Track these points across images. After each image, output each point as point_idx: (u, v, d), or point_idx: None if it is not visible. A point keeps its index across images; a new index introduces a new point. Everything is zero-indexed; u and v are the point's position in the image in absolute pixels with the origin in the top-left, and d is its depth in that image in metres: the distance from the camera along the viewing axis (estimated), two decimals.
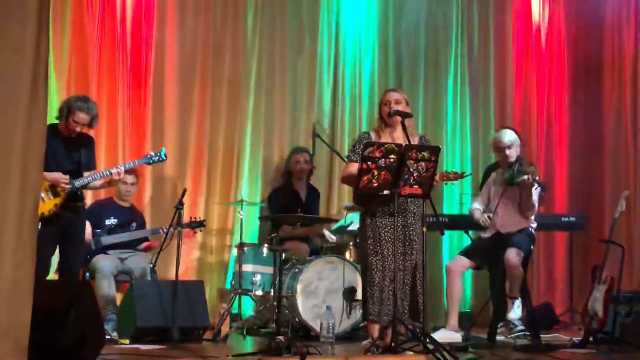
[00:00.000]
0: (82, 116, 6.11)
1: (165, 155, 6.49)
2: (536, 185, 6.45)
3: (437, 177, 5.61)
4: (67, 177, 6.04)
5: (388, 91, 5.99)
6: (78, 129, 6.17)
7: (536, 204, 6.65)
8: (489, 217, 6.73)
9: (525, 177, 6.42)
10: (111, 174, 6.22)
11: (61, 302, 4.57)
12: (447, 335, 6.49)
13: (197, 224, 7.19)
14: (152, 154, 6.48)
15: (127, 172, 7.01)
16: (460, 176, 5.81)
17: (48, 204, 5.98)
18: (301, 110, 8.46)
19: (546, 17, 9.43)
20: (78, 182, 6.12)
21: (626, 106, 8.92)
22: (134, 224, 7.21)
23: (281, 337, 5.47)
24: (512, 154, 6.72)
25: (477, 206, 6.94)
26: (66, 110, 6.11)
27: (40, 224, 5.44)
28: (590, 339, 6.42)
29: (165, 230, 6.91)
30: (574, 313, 8.19)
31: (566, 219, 8.23)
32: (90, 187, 6.43)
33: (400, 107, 5.73)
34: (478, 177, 8.22)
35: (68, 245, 6.17)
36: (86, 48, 7.60)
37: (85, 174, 6.23)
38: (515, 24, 9.32)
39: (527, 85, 9.29)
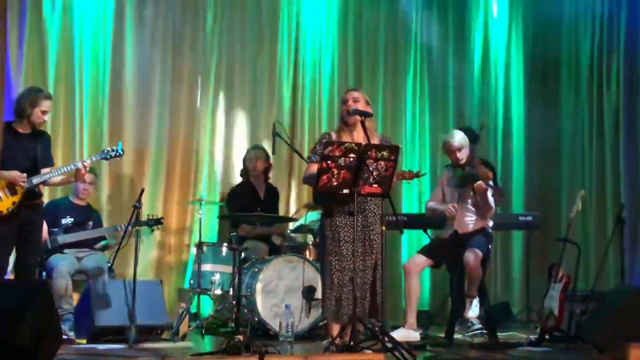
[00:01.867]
0: (48, 103, 6.09)
1: (122, 149, 6.42)
2: (490, 190, 6.53)
3: (399, 177, 5.67)
4: (25, 175, 5.96)
5: (348, 90, 6.00)
6: (46, 118, 6.13)
7: (493, 205, 6.71)
8: (453, 207, 6.73)
9: (479, 182, 6.50)
10: (77, 168, 6.13)
11: (17, 302, 4.52)
12: (406, 334, 6.52)
13: (155, 222, 7.13)
14: (109, 149, 6.42)
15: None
16: (416, 175, 5.84)
17: (6, 202, 5.90)
18: (261, 109, 8.44)
19: (505, 18, 9.52)
20: (35, 180, 6.03)
21: (583, 105, 9.03)
22: (91, 223, 7.13)
23: (240, 337, 5.45)
24: (463, 155, 6.77)
25: (432, 205, 6.97)
26: (28, 105, 6.03)
27: None
28: (547, 337, 6.49)
29: (122, 228, 6.86)
30: (530, 311, 8.27)
31: (523, 219, 8.29)
32: (49, 184, 6.35)
33: (360, 106, 5.73)
34: (436, 176, 8.26)
35: (25, 244, 6.07)
36: (43, 44, 7.52)
37: (43, 170, 6.15)
38: (474, 23, 9.39)
39: (486, 84, 9.37)
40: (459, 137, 6.80)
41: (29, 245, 6.08)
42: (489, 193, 6.60)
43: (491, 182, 6.62)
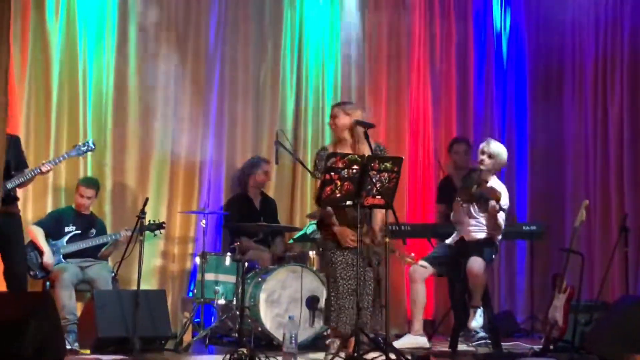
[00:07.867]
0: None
1: (93, 144, 6.48)
2: (501, 212, 6.53)
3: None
4: None
5: (345, 104, 5.99)
6: None
7: (502, 225, 6.69)
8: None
9: (492, 205, 6.47)
10: (41, 171, 6.19)
11: (21, 313, 4.52)
12: (413, 340, 6.57)
13: (157, 227, 7.13)
14: (80, 144, 6.46)
15: (87, 186, 6.96)
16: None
17: None
18: (264, 119, 8.42)
19: (507, 25, 9.52)
20: (9, 184, 6.02)
21: (587, 114, 9.00)
22: (94, 231, 7.13)
23: (244, 349, 5.46)
24: (488, 164, 6.71)
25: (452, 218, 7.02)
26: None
27: None
28: (551, 347, 6.49)
29: (127, 232, 6.90)
30: (535, 321, 8.25)
31: (527, 228, 8.26)
32: (23, 185, 6.34)
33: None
34: (436, 185, 8.42)
35: (9, 251, 6.08)
36: (47, 53, 7.50)
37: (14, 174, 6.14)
38: (476, 31, 9.38)
39: (489, 93, 9.36)
40: (495, 145, 6.76)
41: (14, 251, 6.08)
42: (501, 216, 6.58)
43: (502, 202, 6.57)
